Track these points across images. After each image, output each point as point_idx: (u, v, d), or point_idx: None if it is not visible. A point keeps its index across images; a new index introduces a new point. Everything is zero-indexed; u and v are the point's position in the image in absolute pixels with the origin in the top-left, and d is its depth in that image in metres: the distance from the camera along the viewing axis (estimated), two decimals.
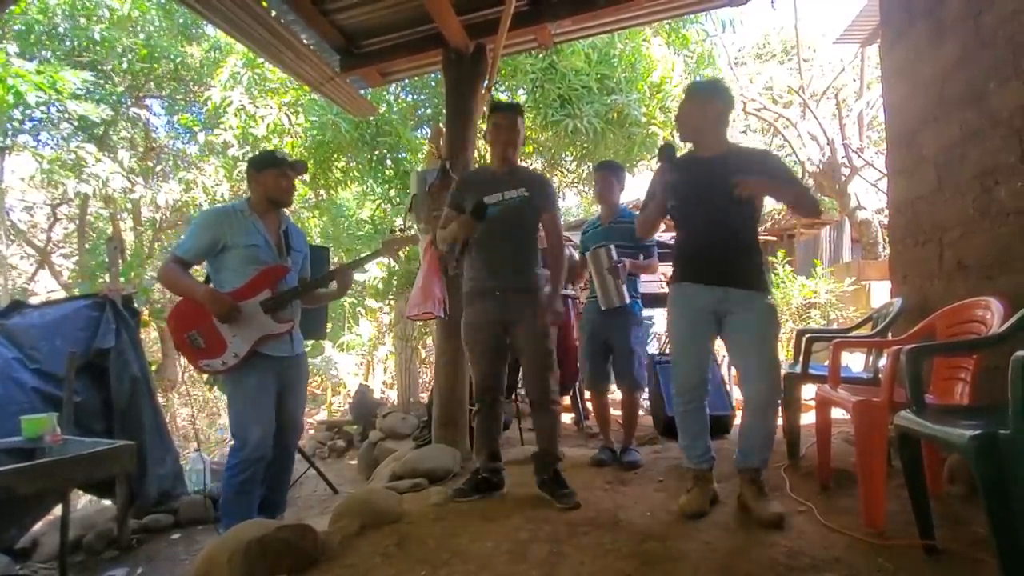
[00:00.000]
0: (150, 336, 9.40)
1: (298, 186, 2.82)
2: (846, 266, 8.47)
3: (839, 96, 10.12)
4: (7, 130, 7.63)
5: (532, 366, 2.56)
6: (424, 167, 4.50)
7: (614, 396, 3.51)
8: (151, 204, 8.95)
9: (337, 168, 7.03)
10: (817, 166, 9.13)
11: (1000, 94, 2.33)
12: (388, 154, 6.49)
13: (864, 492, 2.03)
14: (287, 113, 6.45)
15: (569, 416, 4.86)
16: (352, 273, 2.78)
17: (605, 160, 3.41)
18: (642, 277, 3.31)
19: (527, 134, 6.79)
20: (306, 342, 2.96)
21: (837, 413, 2.51)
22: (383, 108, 6.38)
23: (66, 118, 7.91)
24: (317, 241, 8.41)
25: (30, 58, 7.47)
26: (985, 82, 2.40)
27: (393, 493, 2.61)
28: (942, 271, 2.71)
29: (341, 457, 5.96)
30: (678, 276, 2.35)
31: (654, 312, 6.05)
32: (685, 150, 2.42)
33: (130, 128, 9.24)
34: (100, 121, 7.78)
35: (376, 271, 6.92)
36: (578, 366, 4.44)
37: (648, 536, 2.05)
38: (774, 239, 11.89)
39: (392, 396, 7.41)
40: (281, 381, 2.57)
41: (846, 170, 9.01)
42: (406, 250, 4.11)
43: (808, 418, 2.96)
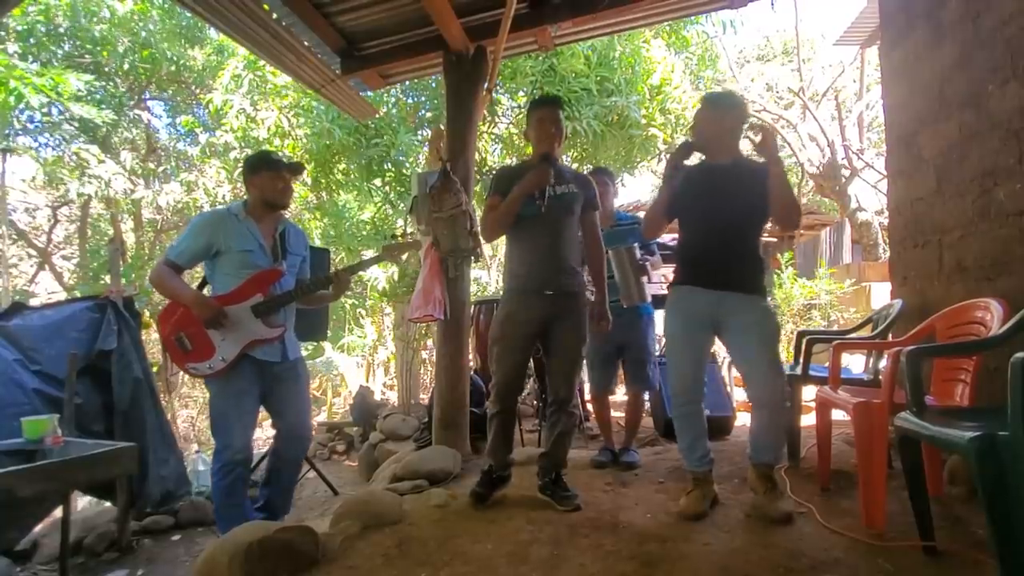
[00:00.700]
0: (150, 338, 9.39)
1: (298, 188, 2.82)
2: (846, 267, 8.48)
3: (839, 98, 10.14)
4: (8, 132, 7.64)
5: (566, 367, 2.50)
6: (425, 169, 4.51)
7: (613, 397, 3.50)
8: (152, 206, 8.95)
9: (338, 170, 7.04)
10: (817, 168, 9.14)
11: (999, 96, 2.33)
12: (386, 157, 6.49)
13: (864, 493, 2.04)
14: (287, 116, 6.46)
15: None
16: (349, 276, 2.76)
17: (596, 168, 3.43)
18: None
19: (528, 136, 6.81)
20: (307, 344, 2.96)
21: (837, 415, 2.51)
22: (383, 110, 6.39)
23: (68, 120, 7.92)
24: (318, 243, 8.42)
25: (32, 60, 7.49)
26: (984, 84, 2.41)
27: (394, 495, 2.61)
28: (942, 272, 2.72)
29: (342, 458, 5.96)
30: (678, 279, 2.40)
31: (655, 313, 6.05)
32: (694, 158, 2.44)
33: (132, 130, 9.25)
34: (102, 123, 7.79)
35: (377, 272, 6.91)
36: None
37: (649, 537, 2.05)
38: (775, 240, 11.90)
39: (392, 397, 7.41)
40: (270, 385, 2.55)
41: (846, 171, 9.02)
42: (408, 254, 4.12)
43: (808, 419, 2.97)
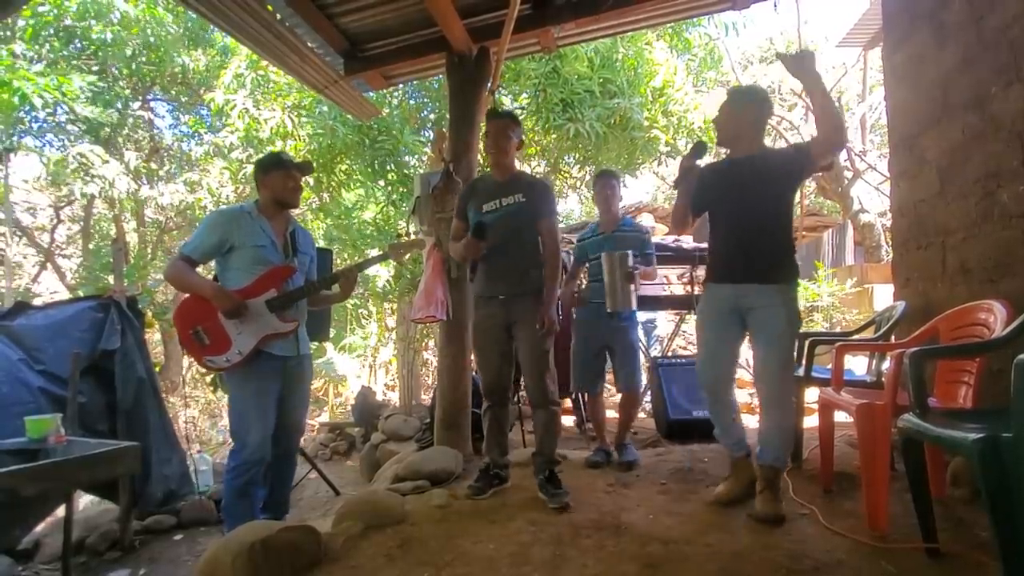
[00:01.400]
0: (153, 338, 9.43)
1: (303, 189, 2.85)
2: (848, 269, 8.46)
3: (842, 99, 10.13)
4: (13, 132, 7.67)
5: (529, 367, 2.62)
6: (427, 170, 4.51)
7: (613, 398, 3.51)
8: (155, 206, 8.98)
9: (340, 171, 7.06)
10: (820, 169, 9.13)
11: (1002, 98, 2.33)
12: (389, 157, 6.50)
13: (867, 495, 2.03)
14: (290, 116, 6.47)
15: (571, 419, 4.86)
16: (356, 275, 2.79)
17: (605, 168, 3.42)
18: (642, 281, 3.33)
19: (530, 137, 6.82)
20: (309, 344, 2.97)
21: (840, 416, 2.51)
22: (386, 111, 6.40)
23: (72, 120, 7.95)
24: (321, 243, 8.43)
25: (38, 60, 7.52)
26: (987, 86, 2.41)
27: (396, 495, 2.62)
28: (945, 274, 2.71)
29: (343, 459, 5.97)
30: (707, 277, 2.49)
31: (656, 315, 6.06)
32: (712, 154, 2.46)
33: (136, 130, 9.28)
34: (107, 123, 7.81)
35: (381, 271, 6.93)
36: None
37: (651, 539, 2.06)
38: None
39: (393, 398, 7.42)
40: (285, 382, 2.58)
41: (849, 173, 9.01)
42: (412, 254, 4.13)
43: (811, 421, 2.96)
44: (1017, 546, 1.32)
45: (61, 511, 2.38)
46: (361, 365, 8.28)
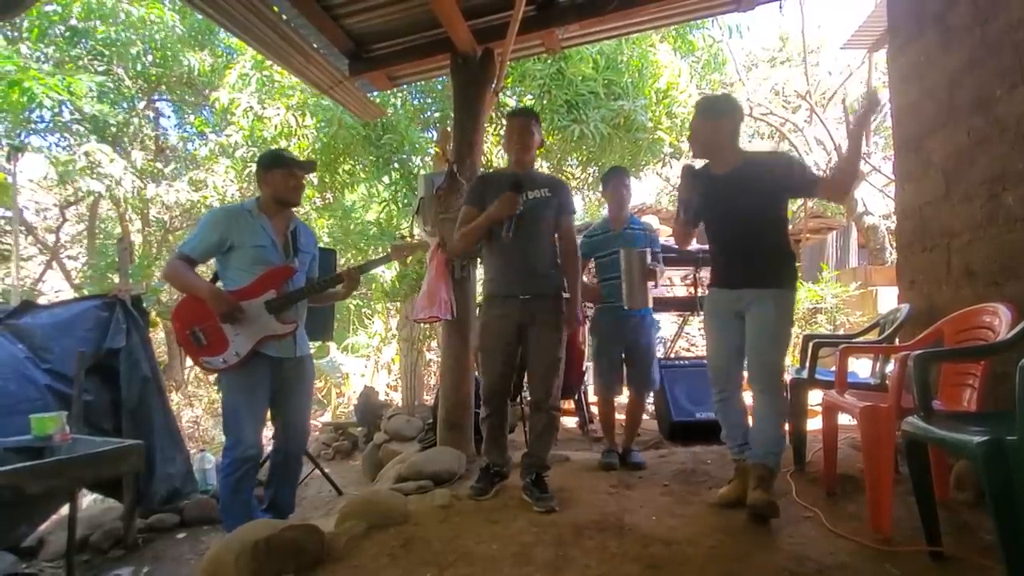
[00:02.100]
0: (157, 337, 9.47)
1: (305, 188, 2.84)
2: (852, 271, 8.44)
3: (846, 101, 10.11)
4: (19, 131, 7.71)
5: (541, 369, 2.58)
6: (431, 170, 4.52)
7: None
8: (160, 205, 9.02)
9: (343, 170, 7.07)
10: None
11: (1008, 101, 2.33)
12: (394, 156, 6.51)
13: (871, 498, 2.03)
14: (295, 115, 6.49)
15: (573, 420, 4.86)
16: (359, 275, 2.79)
17: (616, 167, 3.40)
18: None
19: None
20: (312, 344, 2.98)
21: (843, 419, 2.51)
22: (390, 111, 6.42)
23: (78, 119, 7.99)
24: (325, 242, 8.46)
25: (45, 60, 7.56)
26: (993, 89, 2.41)
27: (399, 495, 2.62)
28: (950, 277, 2.71)
29: (346, 459, 5.97)
30: (709, 283, 2.57)
31: (660, 316, 6.06)
32: (700, 165, 2.48)
33: (141, 130, 9.33)
34: (114, 123, 7.86)
35: (385, 271, 6.94)
36: (583, 370, 4.46)
37: (653, 540, 2.05)
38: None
39: (396, 398, 7.42)
40: (281, 382, 2.57)
41: None
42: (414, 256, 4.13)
43: (815, 424, 2.95)
44: (1021, 550, 1.31)
45: (65, 509, 2.38)
46: (364, 365, 8.28)
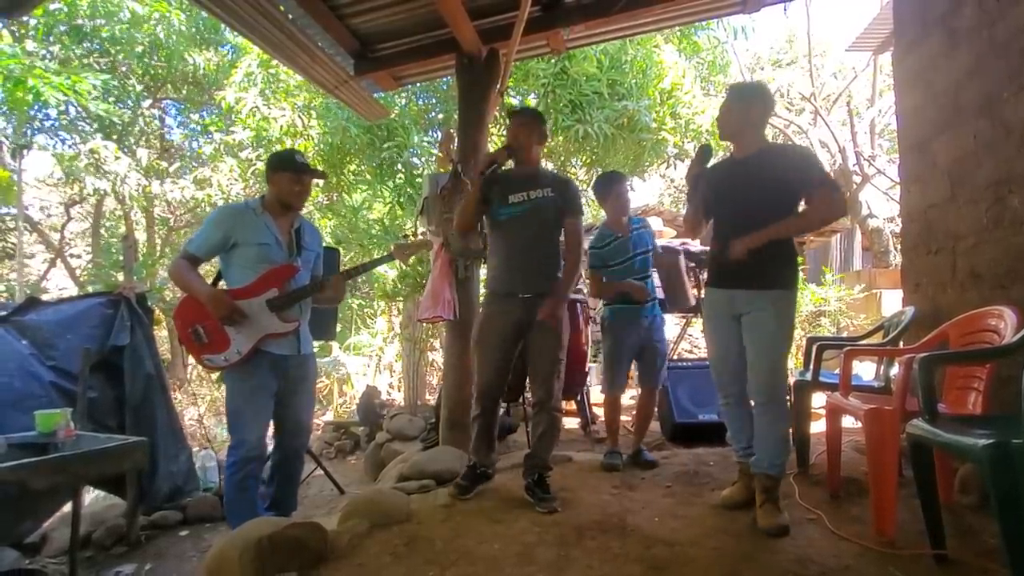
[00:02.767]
0: (160, 335, 9.49)
1: (310, 193, 2.84)
2: (856, 274, 8.43)
3: (851, 103, 10.09)
4: (26, 130, 7.75)
5: (543, 369, 2.57)
6: (435, 171, 4.52)
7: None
8: (164, 202, 9.06)
9: (349, 171, 7.09)
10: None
11: (1014, 103, 2.32)
12: (398, 157, 6.53)
13: (875, 500, 2.02)
14: (300, 116, 6.51)
15: (575, 420, 4.85)
16: (344, 282, 2.76)
17: (615, 173, 3.41)
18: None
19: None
20: (314, 344, 2.98)
21: (847, 421, 2.50)
22: (395, 111, 6.43)
23: (84, 118, 8.03)
24: (328, 242, 8.47)
25: (51, 58, 7.59)
26: (999, 91, 2.40)
27: (401, 494, 2.62)
28: (955, 280, 2.70)
29: (348, 458, 5.98)
30: (706, 281, 2.49)
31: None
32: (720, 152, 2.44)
33: (147, 128, 9.37)
34: (119, 121, 7.89)
35: (387, 271, 6.95)
36: (585, 371, 4.45)
37: (656, 541, 2.05)
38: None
39: (397, 398, 7.43)
40: (283, 380, 2.57)
41: (857, 178, 8.96)
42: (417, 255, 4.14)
43: (819, 426, 2.95)
44: None
45: (68, 506, 2.39)
46: (366, 364, 8.29)
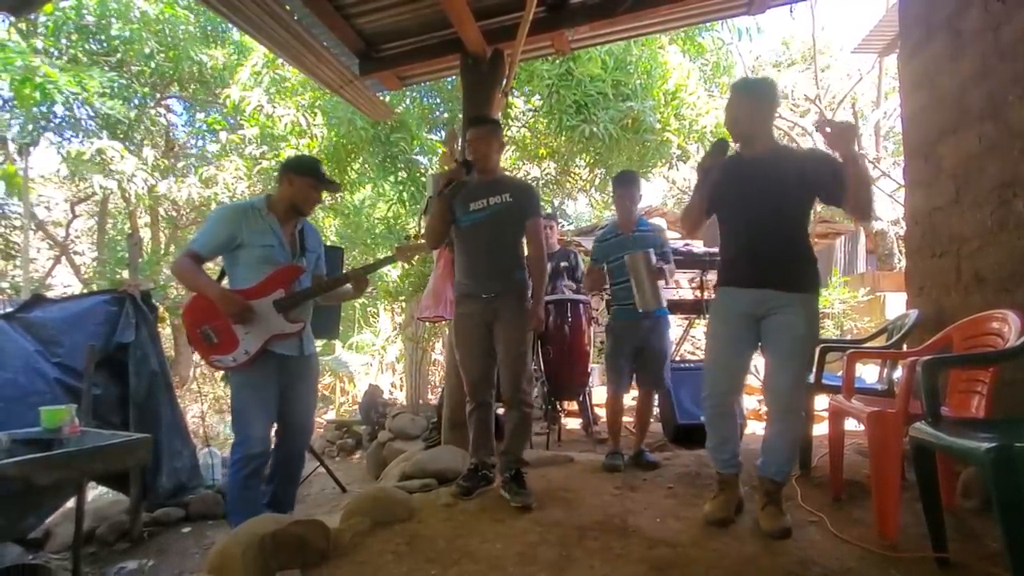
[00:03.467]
0: (164, 332, 9.53)
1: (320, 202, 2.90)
2: (860, 277, 8.41)
3: (856, 106, 10.06)
4: (33, 127, 7.78)
5: (506, 366, 2.64)
6: (439, 170, 4.53)
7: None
8: (169, 200, 9.09)
9: (352, 170, 7.10)
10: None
11: (1020, 107, 2.32)
12: (401, 155, 6.54)
13: (877, 503, 2.02)
14: (305, 114, 6.52)
15: (578, 421, 4.86)
16: (365, 276, 2.81)
17: (626, 172, 3.39)
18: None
19: (542, 139, 6.83)
20: (317, 342, 2.99)
21: (850, 424, 2.50)
22: (399, 109, 6.44)
23: (90, 116, 8.06)
24: (332, 241, 8.50)
25: (59, 55, 7.63)
26: (1004, 95, 2.40)
27: (404, 492, 2.63)
28: (959, 283, 2.69)
29: (350, 456, 5.99)
30: (720, 280, 2.33)
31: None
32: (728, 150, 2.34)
33: (152, 127, 9.40)
34: (125, 120, 7.92)
35: (389, 271, 6.97)
36: (587, 371, 4.46)
37: (658, 542, 2.05)
38: None
39: (399, 396, 7.44)
40: (287, 380, 2.59)
41: None
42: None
43: (821, 429, 2.95)
44: None
45: (72, 502, 2.40)
46: (368, 363, 8.32)
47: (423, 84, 6.44)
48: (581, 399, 4.69)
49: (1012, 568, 1.33)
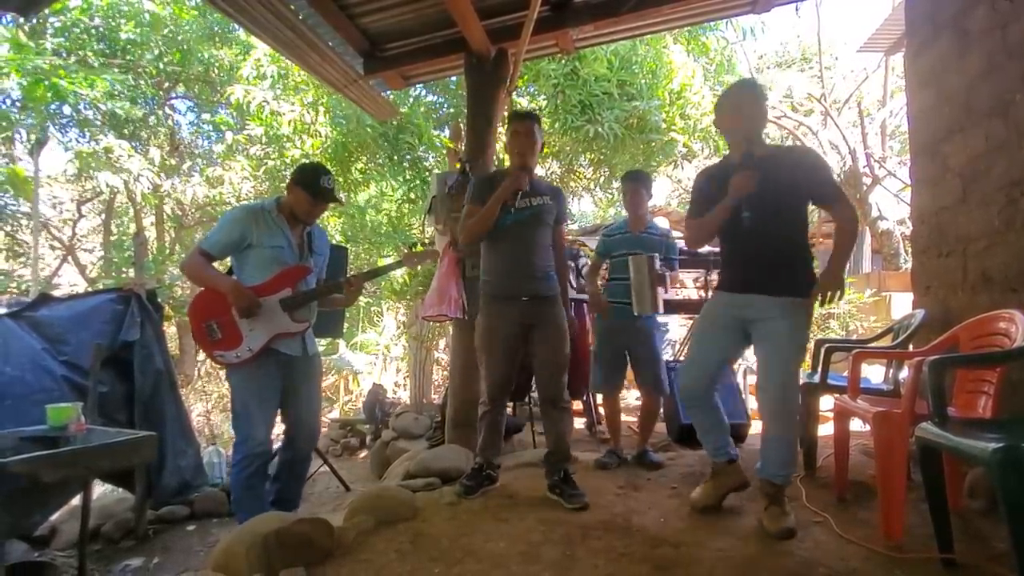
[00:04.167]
0: (169, 331, 9.57)
1: (323, 214, 2.88)
2: (866, 277, 8.37)
3: (861, 105, 10.01)
4: (44, 126, 7.83)
5: (550, 368, 2.60)
6: (443, 168, 4.54)
7: (626, 401, 3.50)
8: (175, 200, 9.13)
9: (356, 169, 7.12)
10: (838, 175, 9.04)
11: None
12: (408, 153, 6.54)
13: (883, 504, 2.01)
14: (308, 111, 6.53)
15: (581, 421, 4.85)
16: (361, 284, 2.80)
17: (635, 170, 3.38)
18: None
19: (547, 138, 6.81)
20: (321, 342, 3.00)
21: (855, 424, 2.49)
22: (404, 108, 6.45)
23: (99, 116, 8.10)
24: (336, 240, 8.51)
25: (67, 54, 7.67)
26: (1011, 93, 2.38)
27: (407, 491, 2.63)
28: (966, 283, 2.68)
29: (354, 455, 6.01)
30: (716, 285, 2.42)
31: (669, 319, 6.04)
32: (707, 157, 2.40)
33: (159, 127, 9.45)
34: (132, 119, 7.97)
35: (396, 271, 6.98)
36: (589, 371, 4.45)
37: (661, 541, 2.05)
38: None
39: (403, 396, 7.45)
40: (291, 381, 2.60)
41: (867, 180, 8.91)
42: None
43: (826, 429, 2.93)
44: None
45: (78, 499, 2.41)
46: (372, 363, 8.33)
47: (428, 83, 6.45)
48: (585, 398, 4.68)
49: (1019, 569, 1.32)
